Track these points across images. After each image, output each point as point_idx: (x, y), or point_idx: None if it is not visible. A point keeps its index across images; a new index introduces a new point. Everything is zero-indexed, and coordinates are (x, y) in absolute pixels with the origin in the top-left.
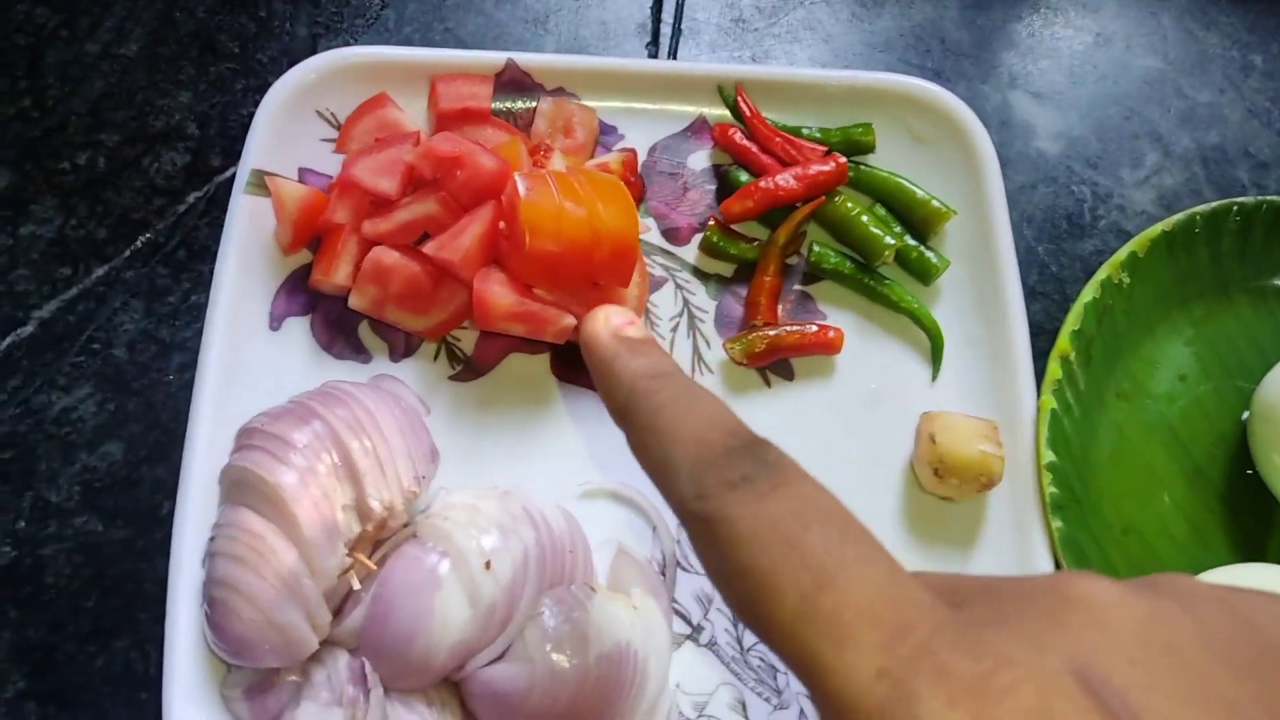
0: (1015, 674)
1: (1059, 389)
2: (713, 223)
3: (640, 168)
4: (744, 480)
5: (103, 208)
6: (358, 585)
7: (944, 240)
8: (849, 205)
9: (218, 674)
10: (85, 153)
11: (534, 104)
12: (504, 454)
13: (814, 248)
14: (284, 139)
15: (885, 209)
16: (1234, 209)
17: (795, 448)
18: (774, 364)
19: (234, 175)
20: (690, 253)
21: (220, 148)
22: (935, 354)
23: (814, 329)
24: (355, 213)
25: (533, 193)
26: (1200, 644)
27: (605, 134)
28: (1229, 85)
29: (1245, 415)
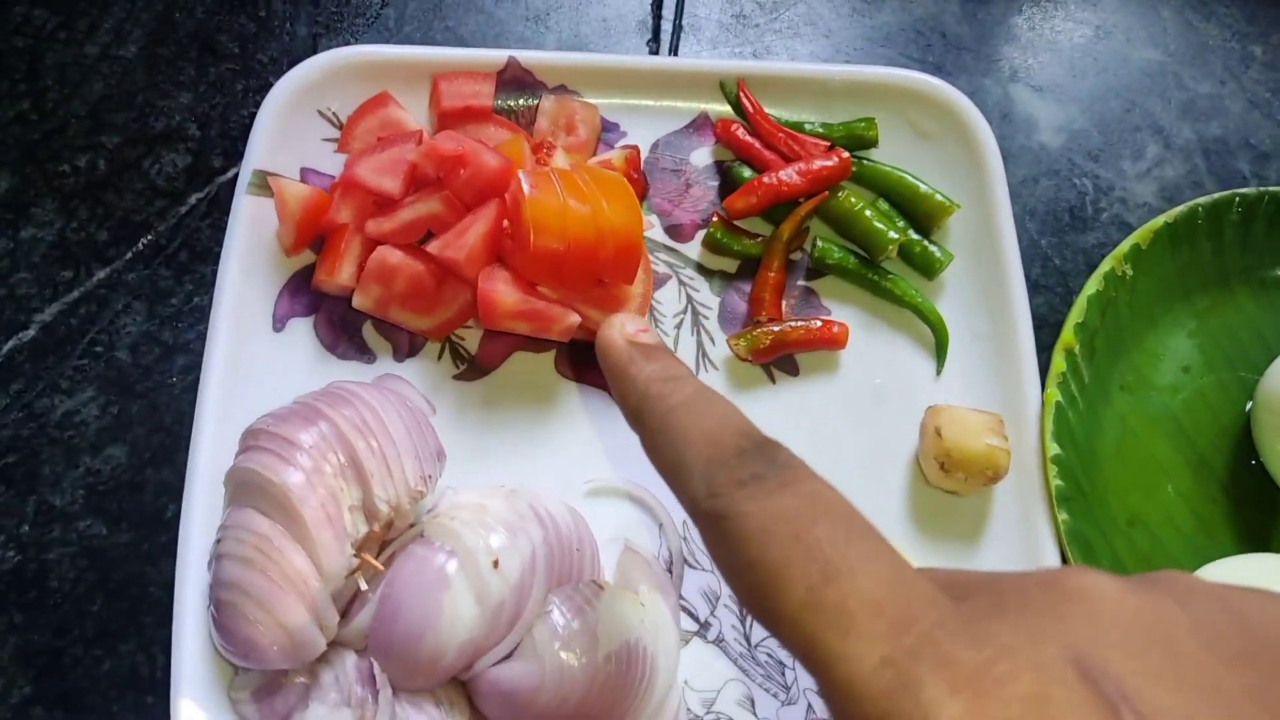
0: (1015, 663)
1: (1063, 382)
2: (716, 219)
3: (643, 164)
4: (754, 478)
5: (104, 210)
6: (365, 586)
7: (947, 234)
8: (852, 200)
9: (225, 676)
10: (85, 155)
11: (536, 102)
12: (510, 453)
13: (817, 243)
14: (286, 139)
15: (888, 204)
16: (1236, 200)
17: (800, 443)
18: (779, 360)
19: (235, 176)
20: (694, 249)
21: (221, 149)
22: (940, 348)
23: (818, 324)
24: (358, 212)
25: (537, 190)
26: (1194, 637)
27: (607, 131)
28: (1229, 77)
29: (1249, 406)
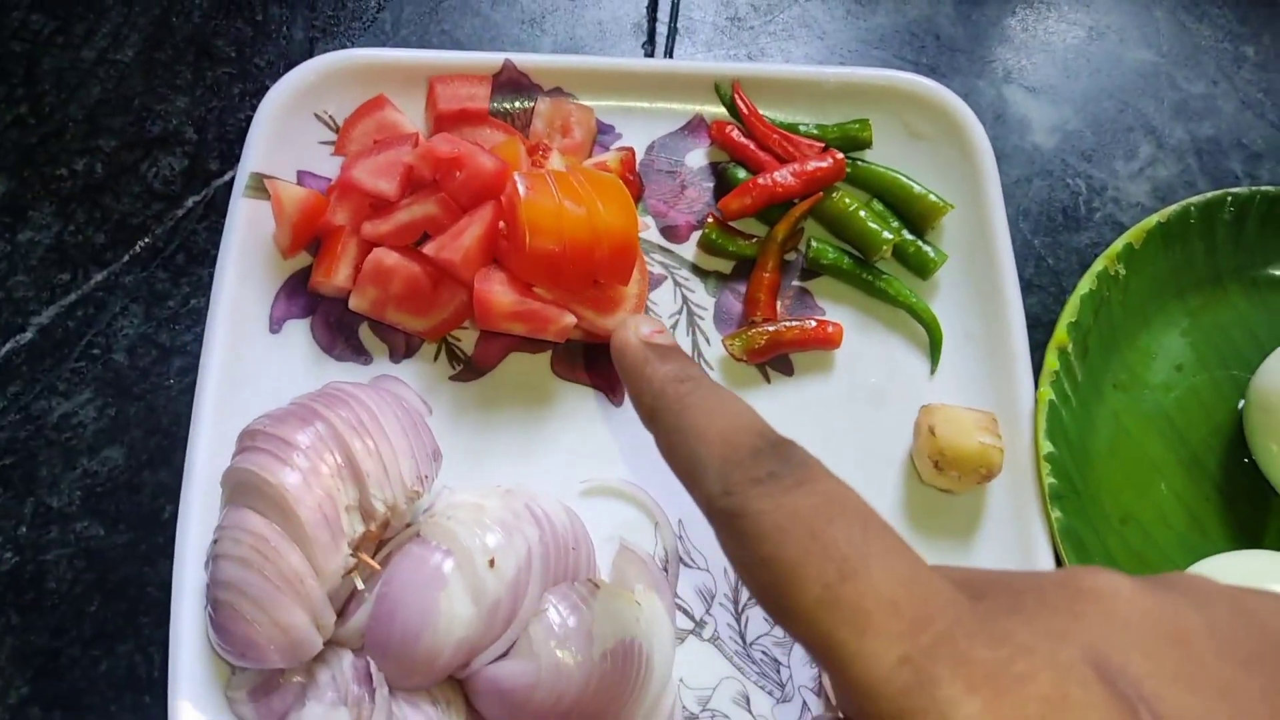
0: (1033, 662)
1: (1056, 380)
2: (711, 220)
3: (638, 166)
4: (770, 476)
5: (101, 213)
6: (362, 585)
7: (941, 235)
8: (847, 201)
9: (222, 676)
10: (83, 159)
11: (531, 104)
12: (506, 453)
13: (812, 244)
14: (282, 142)
15: (883, 204)
16: (1228, 200)
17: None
18: (773, 360)
19: (232, 179)
20: (689, 250)
21: (218, 152)
22: (934, 348)
23: (813, 324)
24: (355, 214)
25: (533, 192)
26: (1210, 639)
27: (603, 133)
28: (1222, 77)
29: (1241, 404)
